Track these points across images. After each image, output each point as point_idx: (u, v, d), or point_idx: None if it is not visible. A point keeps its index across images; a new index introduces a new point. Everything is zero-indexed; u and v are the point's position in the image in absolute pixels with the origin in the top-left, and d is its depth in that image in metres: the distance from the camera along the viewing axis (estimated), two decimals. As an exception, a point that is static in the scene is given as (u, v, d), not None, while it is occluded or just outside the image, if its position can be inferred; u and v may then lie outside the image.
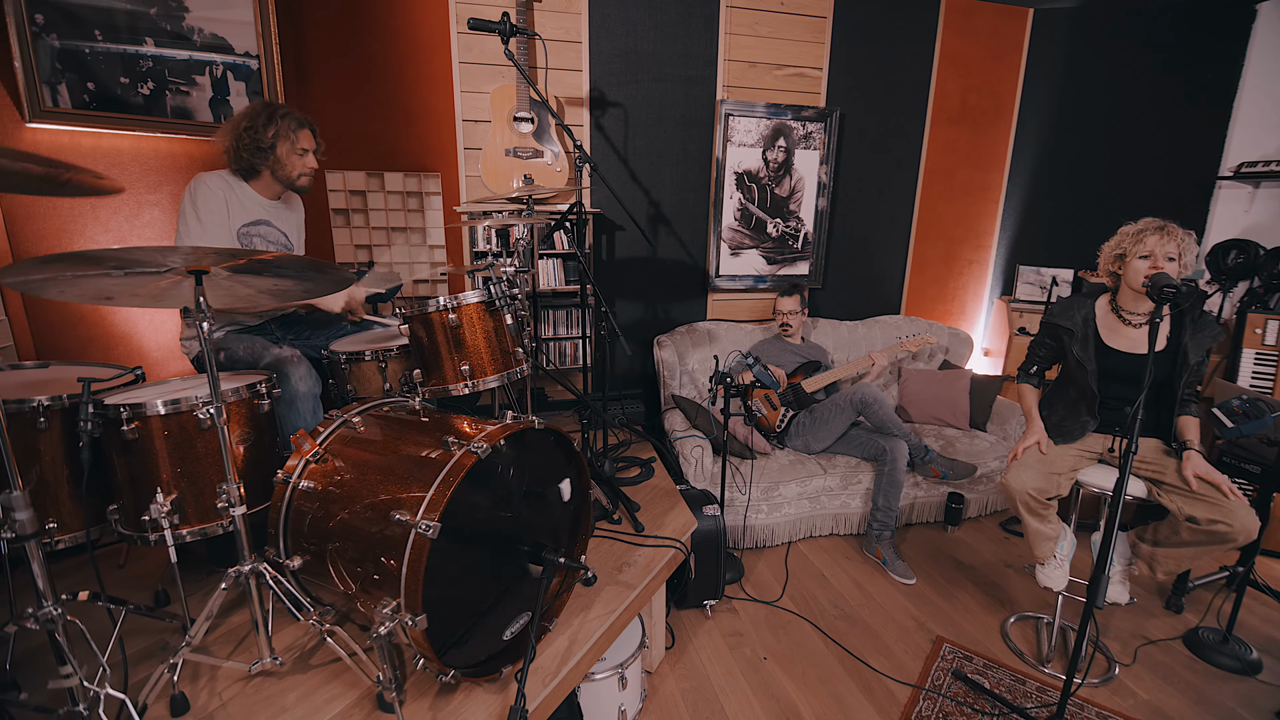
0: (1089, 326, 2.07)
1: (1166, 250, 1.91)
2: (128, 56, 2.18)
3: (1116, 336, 2.06)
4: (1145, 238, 1.93)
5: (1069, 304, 2.14)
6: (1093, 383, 2.06)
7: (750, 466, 2.88)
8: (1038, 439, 2.09)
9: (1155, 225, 1.95)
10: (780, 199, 3.35)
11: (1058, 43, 3.49)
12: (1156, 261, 1.92)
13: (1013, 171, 3.71)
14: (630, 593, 1.85)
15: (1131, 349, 2.03)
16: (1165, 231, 1.92)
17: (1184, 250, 1.93)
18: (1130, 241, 1.96)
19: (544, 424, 1.49)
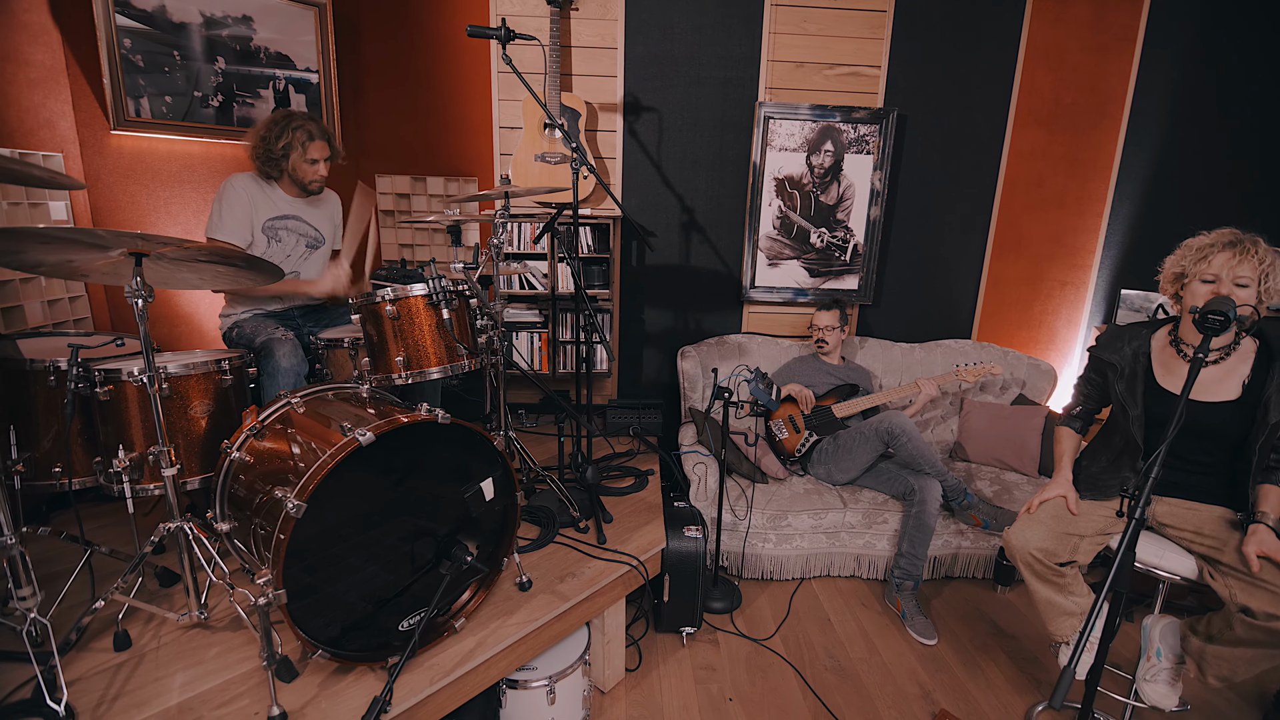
0: (1139, 362, 1.70)
1: (1238, 273, 1.53)
2: (202, 74, 2.51)
3: (1173, 376, 1.68)
4: (1212, 255, 1.56)
5: (1119, 333, 1.78)
6: (1136, 430, 1.69)
7: (753, 490, 2.69)
8: (1062, 492, 1.75)
9: (1227, 239, 1.56)
10: (826, 207, 3.12)
11: (1183, 30, 2.94)
12: (1222, 286, 1.54)
13: (1121, 179, 3.17)
14: (563, 604, 1.78)
15: (1195, 394, 1.64)
16: (1239, 249, 1.54)
17: (1269, 274, 1.53)
18: (1193, 258, 1.59)
19: (449, 419, 1.49)
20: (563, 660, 1.85)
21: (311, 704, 1.41)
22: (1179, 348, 1.68)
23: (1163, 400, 1.67)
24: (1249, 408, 1.58)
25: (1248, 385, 1.60)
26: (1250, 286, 1.55)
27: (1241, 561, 1.48)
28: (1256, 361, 1.61)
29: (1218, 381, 1.63)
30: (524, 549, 2.04)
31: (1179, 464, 1.70)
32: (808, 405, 2.83)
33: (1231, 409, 1.60)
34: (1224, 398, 1.61)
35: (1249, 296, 1.55)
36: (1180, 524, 1.66)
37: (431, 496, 1.56)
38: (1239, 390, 1.60)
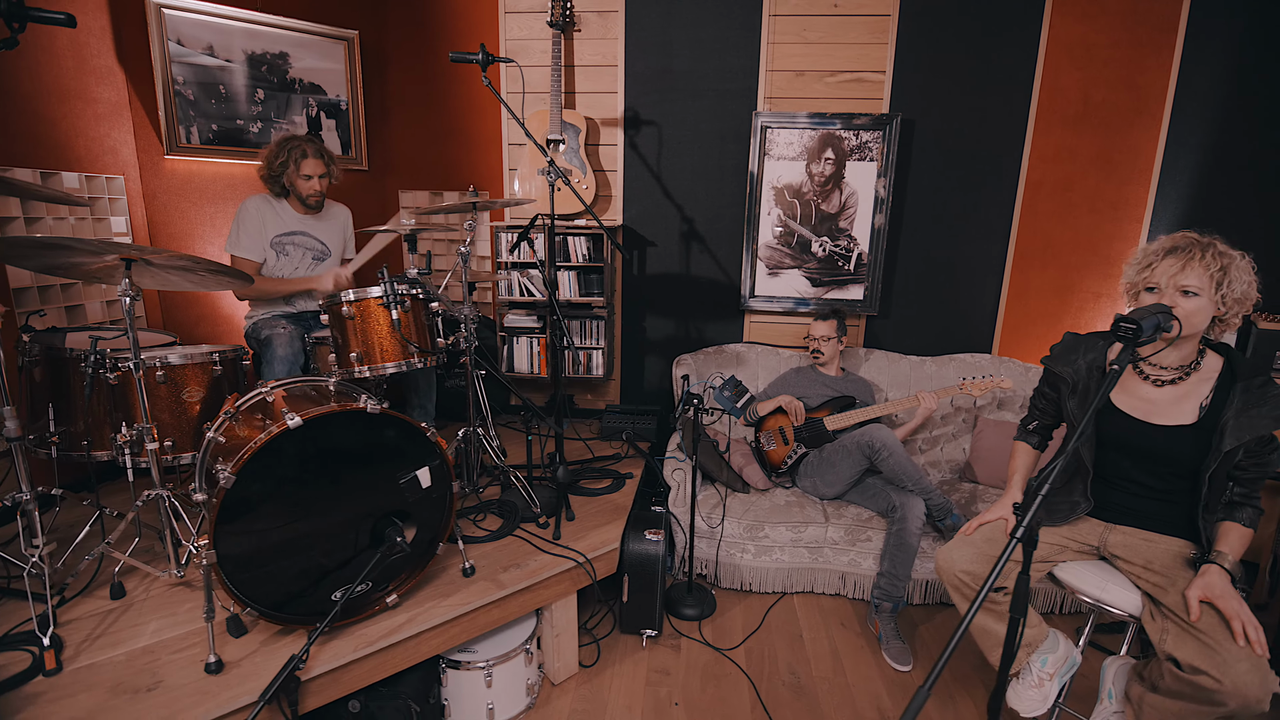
0: (1093, 377, 1.58)
1: (1183, 281, 1.41)
2: (244, 103, 2.86)
3: (1130, 396, 1.55)
4: (1155, 262, 1.45)
5: (1075, 344, 1.66)
6: (1085, 451, 1.57)
7: (725, 498, 2.67)
8: (1003, 514, 1.65)
9: (1170, 245, 1.44)
10: (828, 215, 3.06)
11: (1230, 20, 2.67)
12: (1163, 296, 1.42)
13: (1163, 182, 2.90)
14: (499, 592, 1.88)
15: (1148, 415, 1.51)
16: (1183, 254, 1.41)
17: (1221, 281, 1.40)
18: (1137, 266, 1.48)
19: (379, 409, 1.63)
20: (503, 647, 1.94)
21: (249, 657, 1.58)
22: (1137, 365, 1.55)
23: (1116, 420, 1.54)
24: (1206, 433, 1.43)
25: (1207, 409, 1.45)
26: (1201, 295, 1.41)
27: (1184, 604, 1.35)
28: (1219, 383, 1.46)
29: (1174, 403, 1.49)
30: (482, 539, 2.15)
31: (1137, 490, 1.56)
32: (798, 417, 2.79)
33: (1188, 434, 1.45)
34: (1181, 421, 1.47)
35: (1198, 307, 1.42)
36: (1131, 556, 1.52)
37: (372, 481, 1.70)
38: (1197, 414, 1.46)
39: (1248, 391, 1.41)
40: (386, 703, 1.75)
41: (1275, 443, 1.44)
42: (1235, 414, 1.39)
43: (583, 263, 2.99)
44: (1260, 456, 1.43)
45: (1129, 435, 1.51)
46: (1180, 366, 1.50)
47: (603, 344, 3.10)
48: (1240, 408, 1.40)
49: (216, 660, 1.51)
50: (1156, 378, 1.51)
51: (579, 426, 3.27)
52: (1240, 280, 1.41)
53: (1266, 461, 1.44)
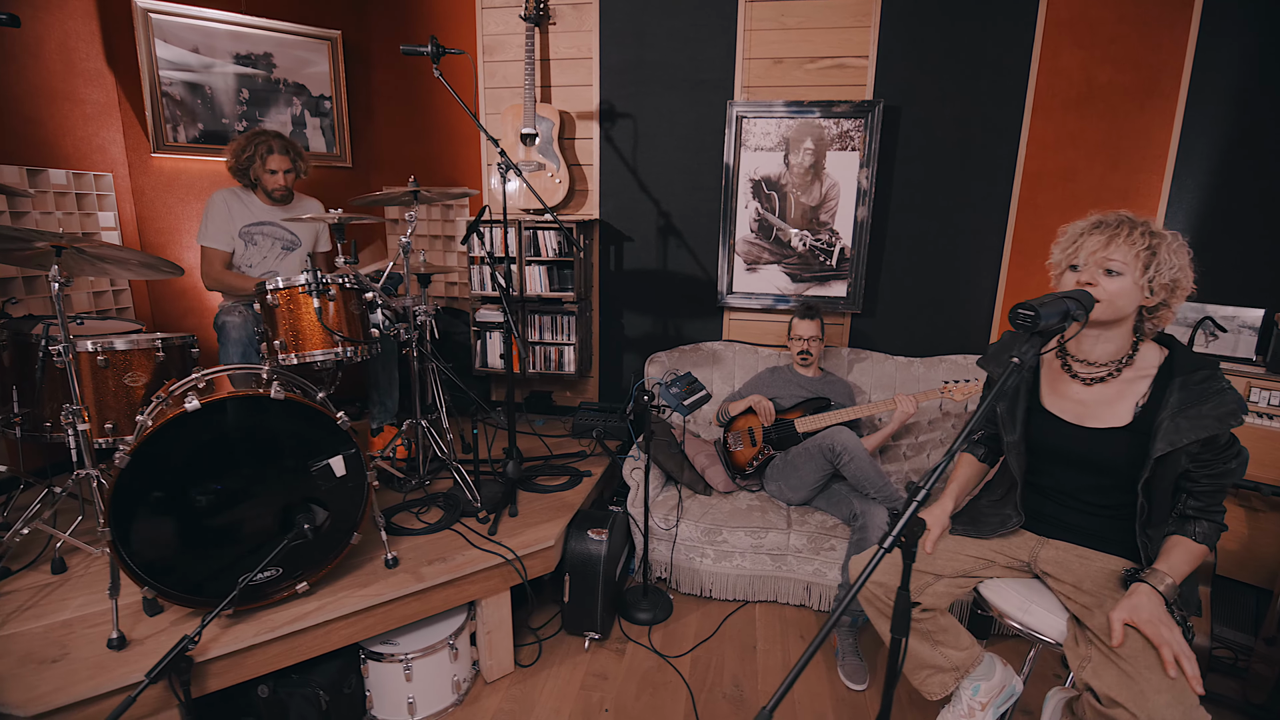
0: (1027, 377, 1.44)
1: (1108, 260, 1.26)
2: (229, 103, 2.96)
3: (1060, 397, 1.40)
4: (1081, 239, 1.30)
5: (1010, 342, 1.51)
6: (1014, 459, 1.43)
7: (679, 498, 2.58)
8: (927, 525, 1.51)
9: (1096, 221, 1.29)
10: (808, 208, 2.93)
11: (1253, -17, 2.41)
12: (1085, 274, 1.27)
13: (1180, 170, 2.64)
14: (417, 585, 1.86)
15: (1080, 418, 1.35)
16: (1110, 229, 1.27)
17: (1149, 263, 1.25)
18: (1063, 245, 1.34)
19: (284, 395, 1.63)
20: (426, 641, 1.92)
21: (154, 636, 1.60)
22: (1065, 362, 1.39)
23: (1047, 425, 1.38)
24: (1141, 437, 1.27)
25: (1142, 408, 1.29)
26: (1126, 274, 1.25)
27: (1109, 628, 1.19)
28: (1157, 380, 1.29)
29: (1107, 404, 1.32)
30: (418, 531, 2.14)
31: (1073, 502, 1.40)
32: (768, 418, 2.67)
33: (1121, 438, 1.29)
34: (1113, 423, 1.31)
35: (1122, 288, 1.26)
36: (1062, 574, 1.36)
37: (284, 469, 1.71)
38: (1131, 414, 1.30)
39: (1186, 388, 1.24)
40: (296, 690, 1.74)
41: (1233, 447, 1.26)
42: (1171, 414, 1.23)
43: (553, 257, 2.96)
44: (1213, 465, 1.26)
45: (1059, 441, 1.36)
46: (1111, 362, 1.33)
47: (574, 340, 3.06)
48: (1177, 407, 1.23)
49: (119, 637, 1.54)
50: (1086, 375, 1.35)
51: (555, 424, 3.24)
52: (1170, 264, 1.26)
53: (1223, 471, 1.26)
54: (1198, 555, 1.25)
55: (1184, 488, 1.28)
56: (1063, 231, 1.37)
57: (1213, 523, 1.27)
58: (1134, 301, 1.27)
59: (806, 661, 0.97)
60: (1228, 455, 1.25)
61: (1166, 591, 1.19)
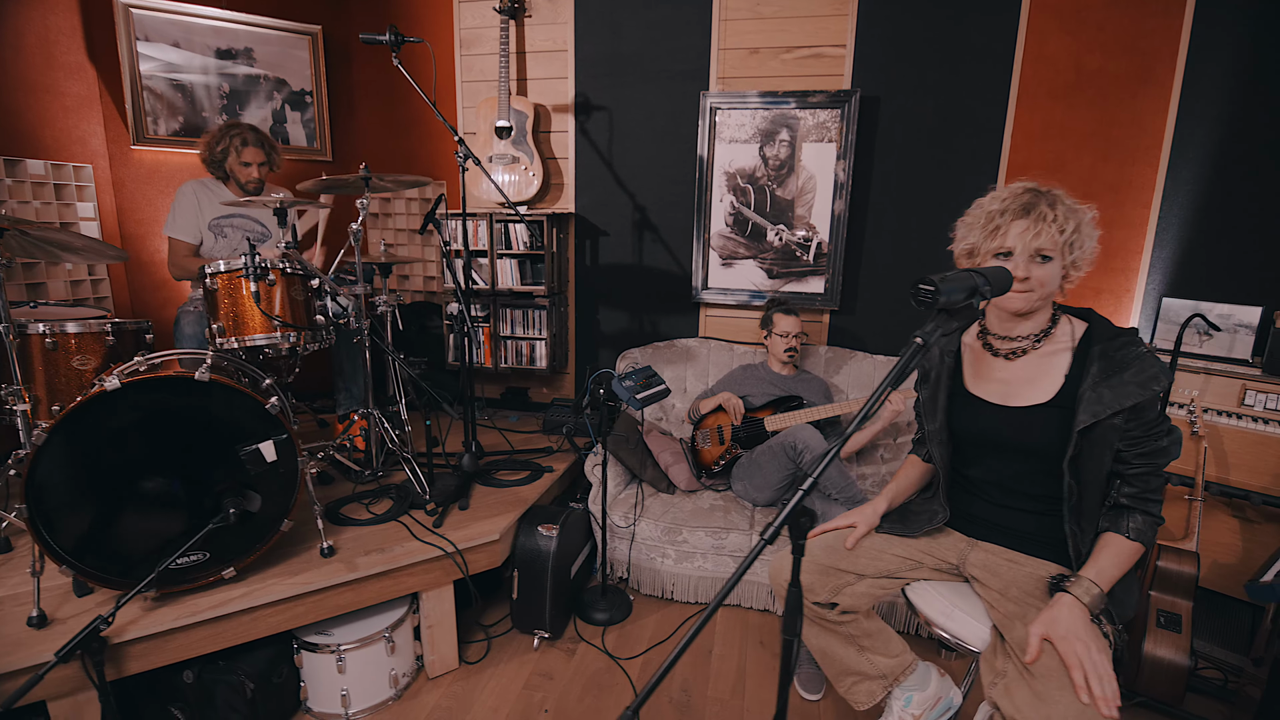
0: (945, 363, 1.35)
1: (1038, 246, 1.17)
2: (209, 97, 3.00)
3: (984, 379, 1.31)
4: (1005, 226, 1.21)
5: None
6: (936, 450, 1.34)
7: (644, 497, 2.52)
8: (853, 520, 1.42)
9: (1021, 203, 1.20)
10: (784, 202, 2.85)
11: (1250, -39, 2.28)
12: (1018, 263, 1.19)
13: (1175, 161, 2.51)
14: (349, 574, 1.83)
15: (1004, 398, 1.27)
16: (1037, 216, 1.18)
17: (1074, 241, 1.17)
18: (982, 230, 1.25)
19: (209, 378, 1.62)
20: (359, 633, 1.89)
21: (77, 617, 1.60)
22: (986, 341, 1.31)
23: (970, 410, 1.30)
24: (1067, 412, 1.17)
25: (1065, 381, 1.20)
26: (1054, 259, 1.18)
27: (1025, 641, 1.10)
28: (1078, 351, 1.21)
29: (1030, 380, 1.23)
30: (364, 521, 2.11)
31: (1004, 497, 1.30)
32: (737, 416, 2.60)
33: (1046, 415, 1.20)
34: (1037, 400, 1.22)
35: (1052, 273, 1.18)
36: (989, 579, 1.27)
37: (213, 452, 1.69)
38: (1055, 389, 1.21)
39: (1106, 356, 1.16)
40: (221, 677, 1.72)
41: (1163, 423, 1.16)
42: (1092, 384, 1.14)
43: (524, 250, 2.93)
44: (1143, 442, 1.15)
45: (984, 424, 1.27)
46: (1028, 336, 1.25)
47: (545, 334, 3.02)
48: (1098, 376, 1.15)
49: (40, 615, 1.54)
50: (1005, 350, 1.27)
51: (530, 419, 3.20)
52: (1089, 237, 1.20)
53: (1154, 449, 1.15)
54: (1130, 555, 1.15)
55: (1118, 472, 1.19)
56: (972, 212, 1.27)
57: (1147, 515, 1.17)
58: (1058, 280, 1.20)
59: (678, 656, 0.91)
60: (1158, 431, 1.16)
61: (1092, 603, 1.09)
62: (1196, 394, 2.32)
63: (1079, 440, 1.14)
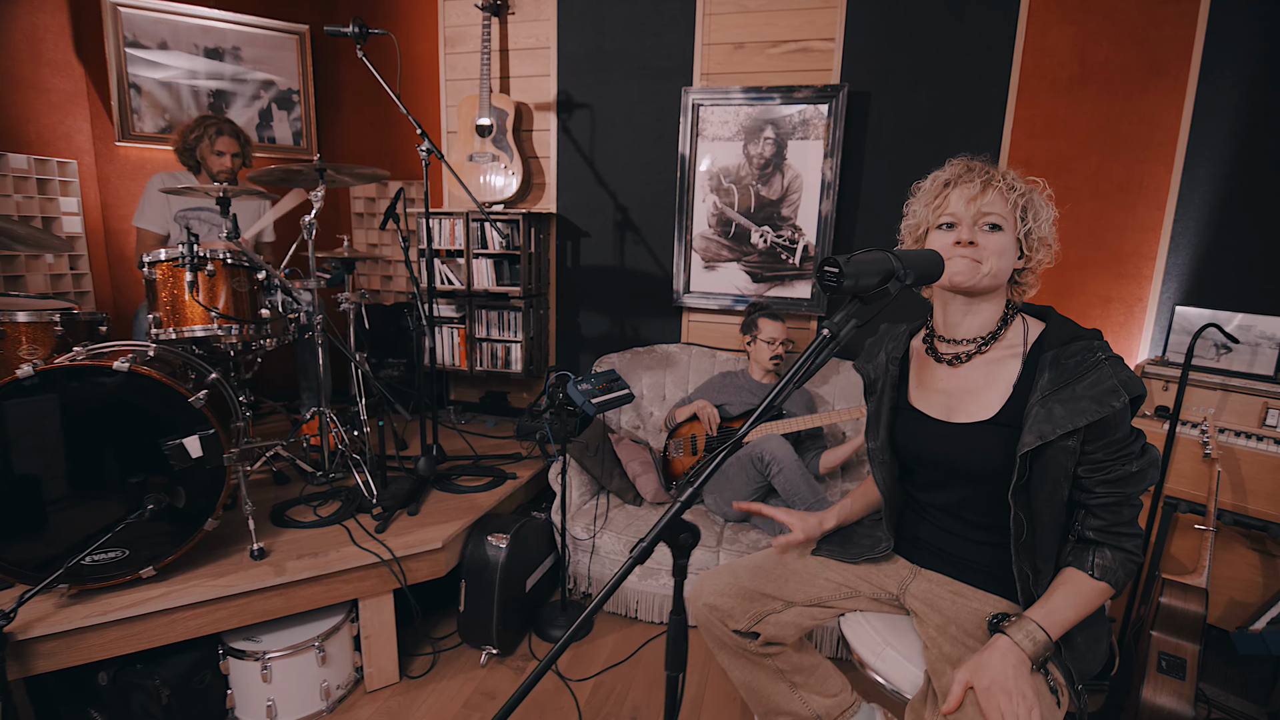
0: (890, 373, 1.19)
1: (986, 209, 1.03)
2: (196, 95, 3.01)
3: (927, 389, 1.15)
4: (948, 191, 1.07)
5: (881, 338, 1.28)
6: (878, 470, 1.19)
7: (609, 509, 2.39)
8: (793, 525, 1.27)
9: (965, 167, 1.07)
10: (769, 202, 2.72)
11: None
12: (964, 231, 1.05)
13: (1191, 158, 2.31)
14: (275, 578, 1.75)
15: (947, 412, 1.11)
16: (981, 175, 1.04)
17: (1025, 214, 1.03)
18: (925, 200, 1.11)
19: (127, 368, 1.56)
20: (288, 641, 1.80)
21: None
22: (932, 345, 1.15)
23: (911, 426, 1.14)
24: (1013, 430, 1.01)
25: (1014, 393, 1.03)
26: (1006, 230, 1.03)
27: None
28: (1029, 357, 1.04)
29: (974, 392, 1.07)
30: (308, 524, 2.04)
31: (950, 523, 1.14)
32: (712, 425, 2.47)
33: (991, 434, 1.04)
34: (980, 416, 1.06)
35: (1005, 245, 1.03)
36: (929, 613, 1.11)
37: (136, 446, 1.64)
38: (999, 404, 1.04)
39: (1058, 364, 0.99)
40: (138, 681, 1.65)
41: (1133, 443, 0.99)
42: (1041, 397, 0.97)
43: (500, 250, 2.85)
44: (1107, 467, 0.97)
45: (926, 442, 1.11)
46: (974, 338, 1.09)
47: (521, 337, 2.93)
48: (1048, 387, 0.97)
49: (-57, 609, 1.49)
50: (949, 354, 1.11)
51: (507, 424, 3.11)
52: (1044, 216, 1.05)
53: (1122, 476, 0.97)
54: (1093, 597, 0.98)
55: (1080, 502, 1.02)
56: (919, 186, 1.14)
57: (1119, 551, 0.99)
58: (1010, 262, 1.05)
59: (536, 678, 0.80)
60: (1125, 454, 0.97)
61: (1035, 650, 0.93)
62: (1212, 412, 2.11)
63: (1025, 466, 0.98)
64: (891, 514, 1.20)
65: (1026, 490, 1.00)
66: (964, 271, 1.03)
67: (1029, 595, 1.02)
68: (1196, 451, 2.01)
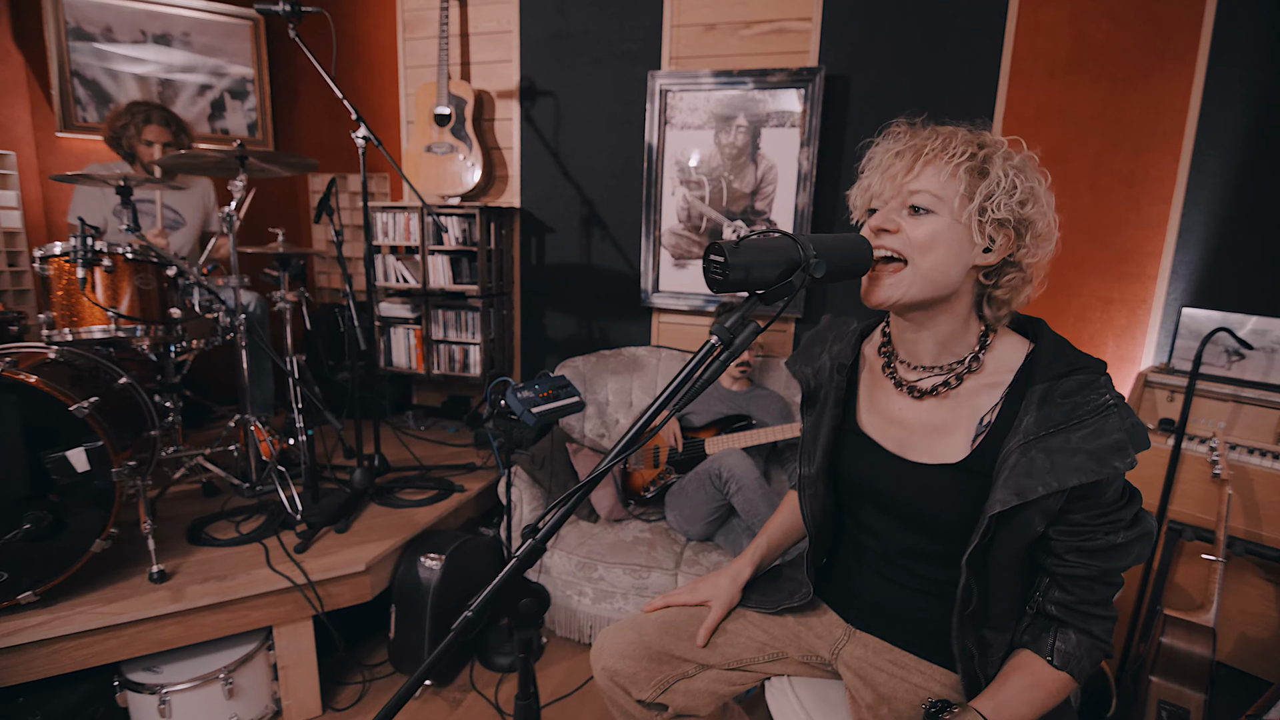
0: (836, 382, 0.98)
1: (916, 185, 0.81)
2: (143, 86, 2.87)
3: (880, 415, 0.94)
4: (879, 171, 0.87)
5: (824, 333, 1.09)
6: (807, 502, 1.00)
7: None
8: (707, 597, 1.07)
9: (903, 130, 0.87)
10: (742, 195, 2.54)
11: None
12: (881, 218, 0.85)
13: (1200, 147, 2.09)
14: (173, 605, 1.58)
15: (902, 446, 0.90)
16: (919, 144, 0.84)
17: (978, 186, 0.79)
18: (862, 180, 0.91)
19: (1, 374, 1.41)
20: (190, 672, 1.64)
21: None
22: (890, 363, 0.95)
23: (857, 454, 0.94)
24: (980, 483, 0.81)
25: (986, 435, 0.82)
26: (941, 211, 0.79)
27: None
28: (1012, 390, 0.83)
29: (939, 428, 0.86)
30: (225, 542, 1.88)
31: (892, 573, 0.94)
32: (675, 437, 2.29)
33: (954, 482, 0.84)
34: (944, 458, 0.85)
35: (932, 235, 0.79)
36: (861, 687, 0.92)
37: (21, 460, 1.48)
38: (969, 446, 0.83)
39: (1049, 403, 0.77)
40: (17, 716, 1.50)
41: (1126, 507, 0.79)
42: (1022, 444, 0.76)
43: (456, 246, 2.68)
44: (1089, 533, 0.78)
45: (873, 477, 0.92)
46: (942, 365, 0.88)
47: (479, 339, 2.76)
48: (1034, 430, 0.76)
49: None
50: (913, 384, 0.90)
51: (468, 432, 2.94)
52: (1012, 185, 0.77)
53: (1106, 547, 0.77)
54: (1052, 689, 0.78)
55: (1045, 566, 0.82)
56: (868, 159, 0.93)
57: (1085, 635, 0.80)
58: (960, 258, 0.80)
59: None
60: (1112, 521, 0.77)
61: None
62: (1222, 426, 1.90)
63: (991, 527, 0.78)
64: (816, 555, 1.00)
65: (985, 554, 0.80)
66: (877, 282, 0.82)
67: (973, 677, 0.82)
68: (1204, 471, 1.81)
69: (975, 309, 0.86)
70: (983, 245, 0.80)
